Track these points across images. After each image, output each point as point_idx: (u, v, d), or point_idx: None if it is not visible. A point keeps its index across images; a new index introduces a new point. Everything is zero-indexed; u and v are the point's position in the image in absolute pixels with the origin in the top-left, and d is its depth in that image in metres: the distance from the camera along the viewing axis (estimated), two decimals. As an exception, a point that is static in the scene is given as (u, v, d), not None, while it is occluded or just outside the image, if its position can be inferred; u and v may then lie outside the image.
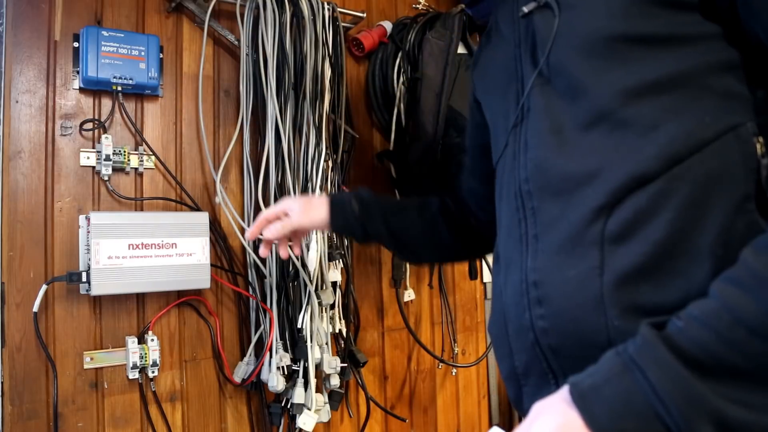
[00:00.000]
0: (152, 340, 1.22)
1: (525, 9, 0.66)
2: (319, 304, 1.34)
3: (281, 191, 1.35)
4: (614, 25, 0.56)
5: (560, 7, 0.61)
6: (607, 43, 0.57)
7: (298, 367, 1.30)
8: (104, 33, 1.20)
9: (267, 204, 1.33)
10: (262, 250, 0.94)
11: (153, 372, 1.23)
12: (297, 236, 0.95)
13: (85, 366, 1.18)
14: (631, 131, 0.54)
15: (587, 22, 0.59)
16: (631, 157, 0.54)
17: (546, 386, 0.60)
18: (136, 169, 1.27)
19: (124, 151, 1.23)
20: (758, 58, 0.52)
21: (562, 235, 0.58)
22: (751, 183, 0.51)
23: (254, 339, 1.33)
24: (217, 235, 1.35)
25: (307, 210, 0.92)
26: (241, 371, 1.32)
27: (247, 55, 1.35)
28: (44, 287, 1.13)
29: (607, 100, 0.56)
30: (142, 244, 1.17)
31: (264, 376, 1.28)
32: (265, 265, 1.34)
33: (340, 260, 1.44)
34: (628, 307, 0.52)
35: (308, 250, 1.34)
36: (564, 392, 0.47)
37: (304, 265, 1.33)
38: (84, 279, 1.14)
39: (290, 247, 0.97)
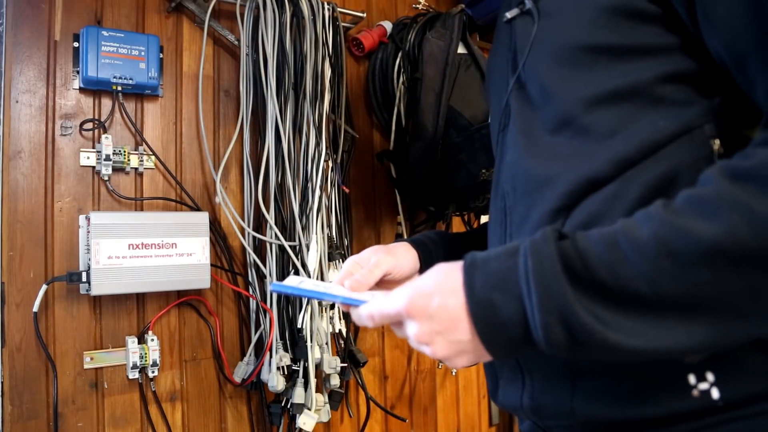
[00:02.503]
0: (152, 340, 1.22)
1: (508, 15, 0.69)
2: (319, 303, 1.34)
3: (281, 191, 1.35)
4: (582, 36, 0.58)
5: (539, 15, 0.63)
6: (574, 53, 0.59)
7: (298, 367, 1.30)
8: (104, 33, 1.20)
9: (267, 204, 1.33)
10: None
11: (153, 372, 1.23)
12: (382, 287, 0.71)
13: (85, 366, 1.18)
14: (591, 137, 0.57)
15: (560, 31, 0.61)
16: (587, 162, 0.56)
17: (515, 380, 0.62)
18: (136, 169, 1.27)
19: (124, 151, 1.23)
20: (717, 67, 0.54)
21: (527, 235, 0.60)
22: None
23: (254, 339, 1.33)
24: (217, 235, 1.35)
25: (391, 251, 0.72)
26: (241, 371, 1.32)
27: (247, 55, 1.35)
28: (44, 287, 1.13)
29: (571, 107, 0.59)
30: (142, 244, 1.17)
31: (264, 376, 1.28)
32: (265, 265, 1.34)
33: (340, 260, 1.44)
34: None
35: (308, 250, 1.34)
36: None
37: (304, 265, 1.33)
38: (84, 279, 1.14)
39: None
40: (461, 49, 1.48)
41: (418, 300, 0.51)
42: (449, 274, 0.51)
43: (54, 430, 1.13)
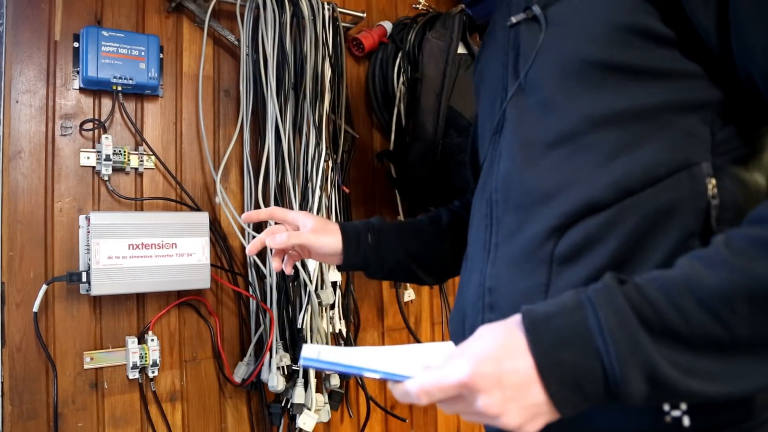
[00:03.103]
0: (152, 340, 1.22)
1: (513, 19, 0.67)
2: (319, 303, 1.34)
3: (281, 191, 1.35)
4: (593, 51, 0.58)
5: (547, 23, 0.62)
6: (583, 67, 0.58)
7: (298, 367, 1.30)
8: (104, 33, 1.20)
9: (267, 204, 1.33)
10: (251, 249, 0.83)
11: (153, 372, 1.23)
12: (297, 255, 0.86)
13: (85, 366, 1.18)
14: (592, 157, 0.57)
15: (569, 42, 0.60)
16: (586, 184, 0.56)
17: None
18: (136, 169, 1.27)
19: (124, 151, 1.23)
20: (736, 99, 0.54)
21: (517, 249, 0.61)
22: (699, 222, 0.53)
23: (254, 339, 1.33)
24: (217, 235, 1.35)
25: (320, 231, 0.82)
26: (241, 371, 1.32)
27: (247, 55, 1.35)
28: (44, 287, 1.13)
29: (574, 123, 0.58)
30: (142, 244, 1.17)
31: (264, 376, 1.28)
32: (265, 265, 1.34)
33: (340, 260, 1.44)
34: None
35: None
36: (515, 317, 0.49)
37: (304, 265, 1.33)
38: (84, 279, 1.14)
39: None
40: (461, 49, 1.48)
41: (483, 367, 0.46)
42: (509, 334, 0.48)
43: (54, 430, 1.13)
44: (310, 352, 0.53)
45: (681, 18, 0.53)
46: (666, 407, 0.52)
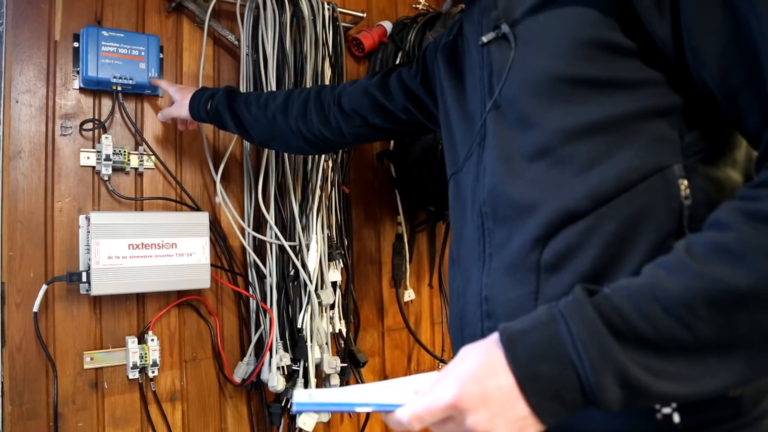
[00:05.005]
0: (152, 340, 1.22)
1: (484, 39, 0.69)
2: (319, 304, 1.34)
3: (281, 191, 1.35)
4: (560, 67, 0.60)
5: (517, 42, 0.64)
6: (553, 83, 0.60)
7: (298, 367, 1.30)
8: (104, 33, 1.20)
9: (267, 204, 1.34)
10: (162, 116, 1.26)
11: (153, 372, 1.23)
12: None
13: (85, 366, 1.18)
14: (568, 169, 0.59)
15: (538, 60, 0.62)
16: (565, 194, 0.59)
17: None
18: (136, 169, 1.27)
19: (124, 151, 1.23)
20: (700, 103, 0.56)
21: (507, 259, 0.63)
22: (674, 222, 0.55)
23: (254, 339, 1.33)
24: (217, 235, 1.35)
25: (178, 103, 1.20)
26: (241, 371, 1.32)
27: (247, 55, 1.35)
28: (44, 287, 1.13)
29: (550, 137, 0.60)
30: (142, 244, 1.17)
31: (264, 376, 1.28)
32: (265, 265, 1.34)
33: (340, 260, 1.44)
34: None
35: (308, 250, 1.34)
36: (494, 335, 0.52)
37: (304, 265, 1.33)
38: (84, 279, 1.14)
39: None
40: (461, 49, 1.48)
41: (468, 387, 0.49)
42: (489, 353, 0.50)
43: (54, 430, 1.13)
44: (301, 396, 0.55)
45: (640, 30, 0.56)
46: (657, 405, 0.54)
